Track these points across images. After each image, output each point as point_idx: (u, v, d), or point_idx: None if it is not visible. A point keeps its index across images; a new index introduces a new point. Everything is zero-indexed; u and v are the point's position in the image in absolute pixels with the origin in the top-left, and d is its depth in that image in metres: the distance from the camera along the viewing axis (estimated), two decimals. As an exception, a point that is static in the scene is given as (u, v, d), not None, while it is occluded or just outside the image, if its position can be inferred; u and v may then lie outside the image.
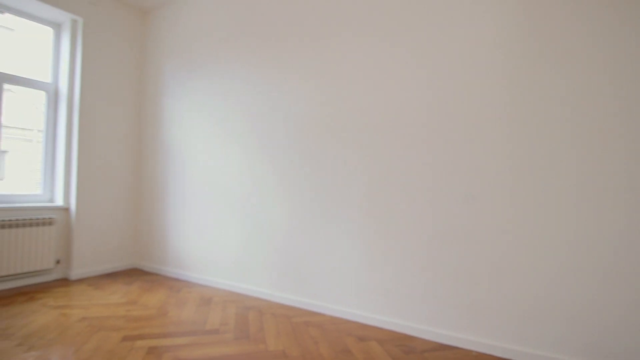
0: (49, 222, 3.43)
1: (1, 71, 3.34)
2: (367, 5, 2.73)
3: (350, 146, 2.77)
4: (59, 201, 3.64)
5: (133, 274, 3.89)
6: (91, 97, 3.76)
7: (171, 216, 3.87)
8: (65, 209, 3.64)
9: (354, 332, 2.51)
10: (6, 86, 3.38)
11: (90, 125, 3.75)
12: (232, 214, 3.41)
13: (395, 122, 2.59)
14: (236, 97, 3.42)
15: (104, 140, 3.88)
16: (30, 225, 3.31)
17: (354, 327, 2.60)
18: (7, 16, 3.49)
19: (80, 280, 3.56)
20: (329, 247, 2.85)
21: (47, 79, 3.71)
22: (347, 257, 2.76)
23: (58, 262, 3.57)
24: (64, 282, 3.50)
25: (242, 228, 3.33)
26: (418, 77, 2.52)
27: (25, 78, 3.50)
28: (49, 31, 3.76)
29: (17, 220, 3.22)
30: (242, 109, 3.38)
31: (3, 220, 3.14)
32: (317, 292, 2.90)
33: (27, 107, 3.65)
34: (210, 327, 2.52)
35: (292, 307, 2.98)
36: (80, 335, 2.32)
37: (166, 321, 2.61)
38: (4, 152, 3.59)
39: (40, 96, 3.67)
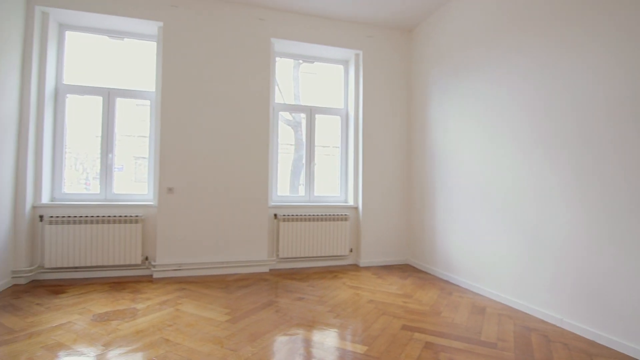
0: (344, 218, 4.33)
1: (313, 105, 4.55)
2: None
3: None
4: (351, 201, 4.52)
5: (406, 269, 4.27)
6: (370, 115, 4.47)
7: (439, 219, 3.97)
8: (355, 208, 4.49)
9: None
10: (317, 116, 4.56)
11: (370, 139, 4.45)
12: (505, 221, 3.10)
13: None
14: (506, 95, 3.11)
15: (381, 151, 4.50)
16: (333, 219, 4.28)
17: None
18: (315, 64, 4.73)
19: (366, 268, 4.26)
20: (657, 272, 2.05)
21: (341, 105, 4.71)
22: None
23: (351, 250, 4.44)
24: (355, 267, 4.30)
25: (519, 238, 2.96)
26: None
27: (327, 107, 4.61)
28: (339, 68, 4.77)
29: (325, 215, 4.26)
30: (514, 105, 3.03)
31: (316, 215, 4.24)
32: (636, 330, 2.15)
33: (326, 129, 4.77)
34: (486, 339, 2.37)
35: (592, 341, 2.35)
36: (369, 315, 2.76)
37: (439, 320, 2.68)
38: (315, 164, 4.82)
39: (336, 120, 4.70)
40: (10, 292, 3.14)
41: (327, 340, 2.32)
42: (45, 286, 3.31)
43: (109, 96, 3.88)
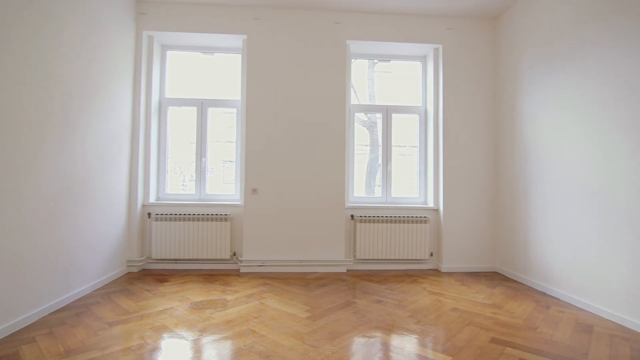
0: (424, 221, 4.16)
1: (389, 104, 4.46)
2: None
3: None
4: (430, 203, 4.33)
5: (494, 277, 3.93)
6: (451, 111, 4.22)
7: (533, 223, 3.58)
8: (435, 210, 4.28)
9: None
10: (394, 115, 4.46)
11: (451, 137, 4.21)
12: (622, 227, 2.67)
13: None
14: (617, 83, 2.68)
15: (463, 149, 4.22)
16: (411, 222, 4.14)
17: None
18: (391, 63, 4.63)
19: (448, 274, 4.03)
20: None
21: (419, 103, 4.55)
22: None
23: (431, 254, 4.25)
24: (436, 272, 4.10)
25: None
26: None
27: (403, 106, 4.48)
28: (417, 65, 4.60)
29: (403, 217, 4.15)
30: (631, 95, 2.60)
31: (394, 216, 4.14)
32: None
33: (401, 129, 4.63)
34: (595, 362, 2.07)
35: None
36: (453, 324, 2.61)
37: (535, 336, 2.41)
38: (391, 164, 4.71)
39: (414, 119, 4.55)
40: (126, 278, 3.66)
41: (407, 346, 2.25)
42: (152, 275, 3.79)
43: (202, 106, 4.29)
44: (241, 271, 3.98)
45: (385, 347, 2.22)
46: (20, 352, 2.10)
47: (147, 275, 3.76)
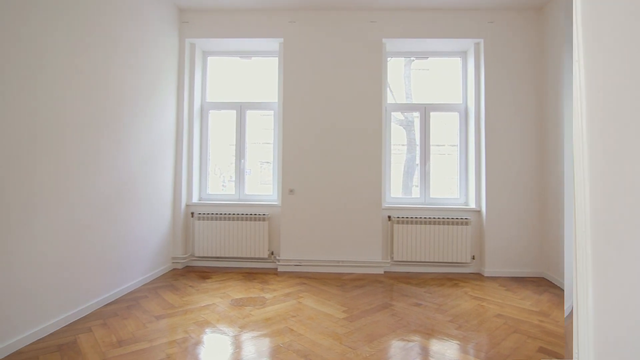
0: (465, 222, 4.01)
1: (427, 102, 4.36)
2: None
3: None
4: (472, 204, 4.17)
5: (541, 283, 3.71)
6: (494, 108, 4.04)
7: (585, 225, 3.33)
8: (477, 211, 4.11)
9: None
10: (432, 114, 4.35)
11: (494, 135, 4.03)
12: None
13: None
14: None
15: (507, 147, 4.02)
16: (452, 223, 4.01)
17: None
18: (429, 60, 4.52)
19: (492, 278, 3.86)
20: None
21: (459, 101, 4.39)
22: None
23: (473, 258, 4.08)
24: (478, 276, 3.94)
25: None
26: None
27: (442, 104, 4.36)
28: (456, 61, 4.45)
29: (442, 218, 4.02)
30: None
31: (433, 218, 4.03)
32: None
33: (439, 128, 4.50)
34: (661, 379, 1.89)
35: None
36: (497, 331, 2.49)
37: (590, 348, 2.25)
38: (429, 164, 4.59)
39: (453, 117, 4.40)
40: (171, 274, 3.85)
41: (448, 352, 2.18)
42: (195, 271, 3.96)
43: (241, 109, 4.43)
44: (279, 270, 4.05)
45: (425, 352, 2.17)
46: (78, 340, 2.28)
47: (190, 272, 3.94)
